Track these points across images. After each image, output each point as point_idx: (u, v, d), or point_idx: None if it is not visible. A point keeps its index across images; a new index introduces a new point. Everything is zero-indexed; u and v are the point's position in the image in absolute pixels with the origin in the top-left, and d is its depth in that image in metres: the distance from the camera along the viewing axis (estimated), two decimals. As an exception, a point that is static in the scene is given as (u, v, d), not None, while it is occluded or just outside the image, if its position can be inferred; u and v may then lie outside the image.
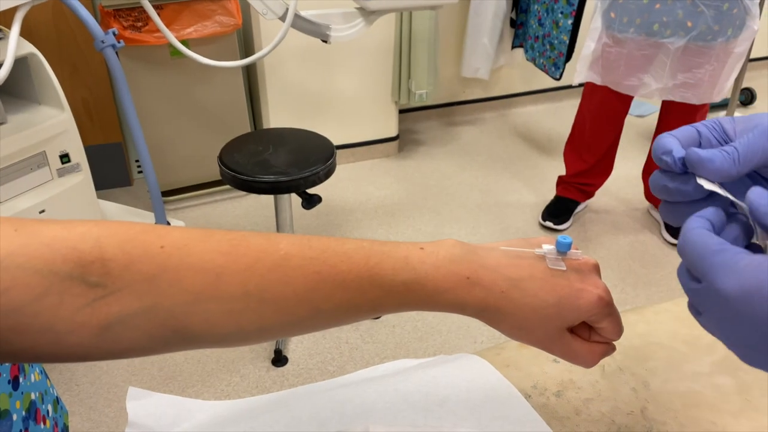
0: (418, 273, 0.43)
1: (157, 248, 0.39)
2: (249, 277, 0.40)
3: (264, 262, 0.40)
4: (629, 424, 0.61)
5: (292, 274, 0.40)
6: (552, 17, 2.51)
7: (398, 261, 0.43)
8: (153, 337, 0.39)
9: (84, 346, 0.37)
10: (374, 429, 0.51)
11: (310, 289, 0.41)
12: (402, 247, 0.44)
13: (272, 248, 0.41)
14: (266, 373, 1.74)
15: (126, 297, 0.37)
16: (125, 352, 0.39)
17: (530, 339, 0.46)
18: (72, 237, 0.37)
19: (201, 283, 0.39)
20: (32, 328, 0.35)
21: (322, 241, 0.43)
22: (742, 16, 1.84)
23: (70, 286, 0.36)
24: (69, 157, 1.73)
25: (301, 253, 0.41)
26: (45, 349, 0.36)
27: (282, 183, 1.59)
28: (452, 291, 0.43)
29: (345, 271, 0.41)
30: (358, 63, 2.59)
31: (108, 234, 0.38)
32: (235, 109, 2.47)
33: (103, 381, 1.71)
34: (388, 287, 0.42)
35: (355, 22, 1.77)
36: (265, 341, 0.43)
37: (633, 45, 1.93)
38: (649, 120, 3.21)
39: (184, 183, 2.51)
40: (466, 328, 1.89)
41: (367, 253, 0.42)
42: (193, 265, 0.39)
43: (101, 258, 0.37)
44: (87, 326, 0.37)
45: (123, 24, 2.08)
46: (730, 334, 0.34)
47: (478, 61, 2.85)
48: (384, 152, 2.86)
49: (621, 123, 2.28)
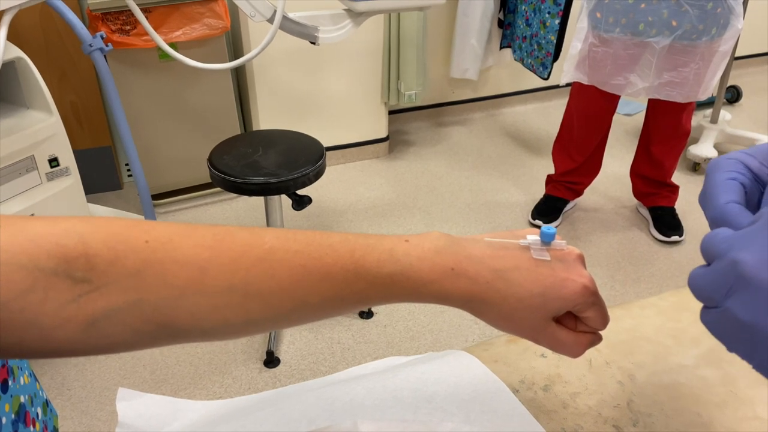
0: (402, 265, 0.43)
1: (142, 243, 0.39)
2: (234, 270, 0.40)
3: (249, 256, 0.41)
4: (616, 417, 0.62)
5: (278, 267, 0.41)
6: (539, 17, 2.53)
7: (383, 253, 0.43)
8: (139, 331, 0.39)
9: (70, 341, 0.37)
10: (362, 424, 0.51)
11: (295, 282, 0.41)
12: (387, 239, 0.44)
13: (257, 242, 0.41)
14: (258, 374, 1.74)
15: (112, 292, 0.38)
16: (111, 347, 0.39)
17: (516, 329, 0.46)
18: (56, 233, 0.37)
19: (186, 277, 0.39)
20: (18, 323, 0.35)
21: (306, 234, 0.43)
22: (726, 15, 1.86)
23: (55, 281, 0.36)
24: (58, 161, 1.72)
25: (286, 246, 0.42)
26: (31, 345, 0.37)
27: (272, 184, 1.59)
28: (437, 282, 0.43)
29: (330, 264, 0.42)
30: (348, 64, 2.60)
31: (92, 230, 0.38)
32: (225, 111, 2.46)
33: (94, 384, 1.71)
34: (373, 279, 0.43)
35: (343, 23, 1.78)
36: (252, 334, 0.44)
37: (619, 44, 1.95)
38: (636, 118, 3.23)
39: (173, 186, 2.51)
40: (458, 326, 1.90)
41: (352, 246, 0.43)
42: (178, 259, 0.39)
43: (86, 254, 0.37)
44: (73, 321, 0.37)
45: (111, 27, 2.07)
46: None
47: (466, 61, 2.87)
48: (374, 153, 2.87)
49: (608, 122, 2.29)
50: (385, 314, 1.95)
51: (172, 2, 2.13)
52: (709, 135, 2.78)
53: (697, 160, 2.73)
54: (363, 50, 2.58)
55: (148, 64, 2.25)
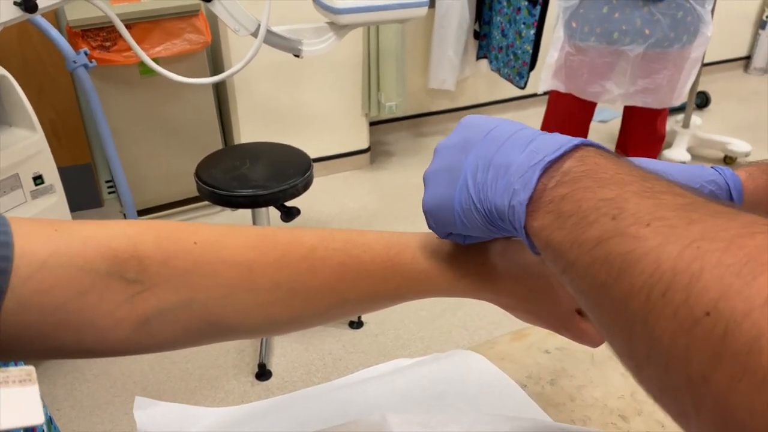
0: (436, 261, 0.45)
1: (190, 244, 0.40)
2: (279, 269, 0.42)
3: (292, 255, 0.42)
4: (621, 407, 0.64)
5: (319, 265, 0.43)
6: (515, 28, 2.58)
7: (417, 250, 0.45)
8: (189, 330, 0.40)
9: (123, 340, 0.39)
10: (389, 416, 0.53)
11: (335, 279, 0.43)
12: (418, 236, 0.47)
13: (298, 241, 0.43)
14: (251, 387, 1.74)
15: (163, 292, 0.39)
16: (161, 345, 0.41)
17: (541, 321, 0.49)
18: (107, 236, 0.39)
19: (235, 276, 0.41)
20: (76, 323, 0.37)
21: (343, 233, 0.45)
22: (695, 23, 1.93)
23: (109, 282, 0.37)
24: (42, 179, 1.71)
25: (326, 244, 0.44)
26: (87, 345, 0.38)
27: (261, 196, 1.60)
28: (468, 277, 0.46)
29: (368, 261, 0.44)
30: (328, 77, 2.62)
31: (141, 232, 0.40)
32: (206, 125, 2.47)
33: (84, 404, 1.69)
34: (409, 275, 0.45)
35: (326, 36, 1.80)
36: (295, 330, 0.46)
37: (594, 53, 2.01)
38: (611, 125, 3.30)
39: (158, 201, 2.50)
40: (448, 333, 1.92)
41: (387, 243, 0.45)
42: (225, 259, 0.41)
43: (137, 256, 0.39)
44: (126, 321, 0.38)
45: (91, 44, 2.07)
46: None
47: (444, 72, 2.91)
48: (356, 164, 2.89)
49: (586, 129, 2.35)
50: (375, 323, 1.96)
51: (152, 18, 2.13)
52: (682, 139, 2.86)
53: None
54: (343, 63, 2.61)
55: (129, 81, 2.25)
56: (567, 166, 0.34)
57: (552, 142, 0.35)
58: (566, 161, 0.34)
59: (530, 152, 0.36)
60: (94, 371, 1.78)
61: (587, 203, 0.31)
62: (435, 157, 0.44)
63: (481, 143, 0.39)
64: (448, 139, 0.44)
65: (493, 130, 0.39)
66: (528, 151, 0.36)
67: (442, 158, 0.43)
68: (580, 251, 0.30)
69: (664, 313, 0.24)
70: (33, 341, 0.36)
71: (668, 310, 0.24)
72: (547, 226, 0.33)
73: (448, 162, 0.42)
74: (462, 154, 0.40)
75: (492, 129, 0.40)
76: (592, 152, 0.35)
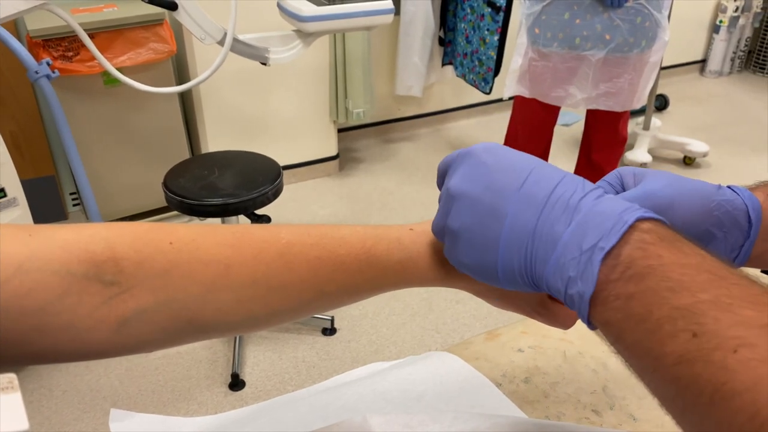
0: (410, 252, 0.46)
1: (166, 245, 0.41)
2: (256, 266, 0.42)
3: (268, 252, 0.43)
4: (593, 402, 0.66)
5: (295, 261, 0.43)
6: (479, 34, 2.62)
7: (392, 242, 0.46)
8: (168, 329, 0.41)
9: (102, 342, 0.39)
10: (371, 417, 0.54)
11: (312, 273, 0.44)
12: (393, 229, 0.48)
13: (274, 238, 0.44)
14: (224, 398, 1.73)
15: (141, 293, 0.39)
16: (141, 346, 0.41)
17: (514, 306, 0.50)
18: (82, 239, 0.39)
19: (212, 274, 0.41)
20: (54, 326, 0.37)
21: (318, 228, 0.46)
22: (654, 28, 1.99)
23: (87, 285, 0.37)
24: (5, 192, 1.67)
25: (302, 240, 0.44)
26: (66, 348, 0.38)
27: (230, 205, 1.59)
28: (444, 266, 0.47)
29: (344, 255, 0.45)
30: (295, 84, 2.62)
31: (117, 234, 0.40)
32: (173, 135, 2.44)
33: (53, 421, 1.65)
34: (384, 267, 0.46)
35: (293, 44, 1.81)
36: (275, 325, 0.46)
37: (557, 58, 2.05)
38: (573, 128, 3.37)
39: (125, 212, 2.46)
40: (420, 338, 1.94)
41: (362, 237, 0.46)
42: (202, 258, 0.41)
43: (113, 257, 0.39)
44: (105, 323, 0.38)
45: (53, 54, 2.03)
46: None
47: (410, 79, 2.94)
48: (325, 171, 2.89)
49: (551, 132, 2.40)
50: (348, 329, 1.96)
51: (116, 27, 2.11)
52: (643, 141, 2.94)
53: (633, 165, 2.87)
54: (310, 70, 2.61)
55: (93, 91, 2.21)
56: (627, 256, 0.33)
57: (600, 215, 0.34)
58: (624, 248, 0.33)
59: (578, 226, 0.35)
60: (62, 387, 1.74)
61: (659, 311, 0.30)
62: (456, 203, 0.41)
63: (517, 205, 0.38)
64: (466, 180, 0.41)
65: (526, 185, 0.38)
66: (575, 224, 0.35)
67: (467, 212, 0.40)
68: (658, 364, 0.30)
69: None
70: (10, 347, 0.36)
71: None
72: (615, 323, 0.33)
73: (479, 220, 0.39)
74: (493, 213, 0.39)
75: (524, 182, 0.39)
76: (649, 236, 0.33)
